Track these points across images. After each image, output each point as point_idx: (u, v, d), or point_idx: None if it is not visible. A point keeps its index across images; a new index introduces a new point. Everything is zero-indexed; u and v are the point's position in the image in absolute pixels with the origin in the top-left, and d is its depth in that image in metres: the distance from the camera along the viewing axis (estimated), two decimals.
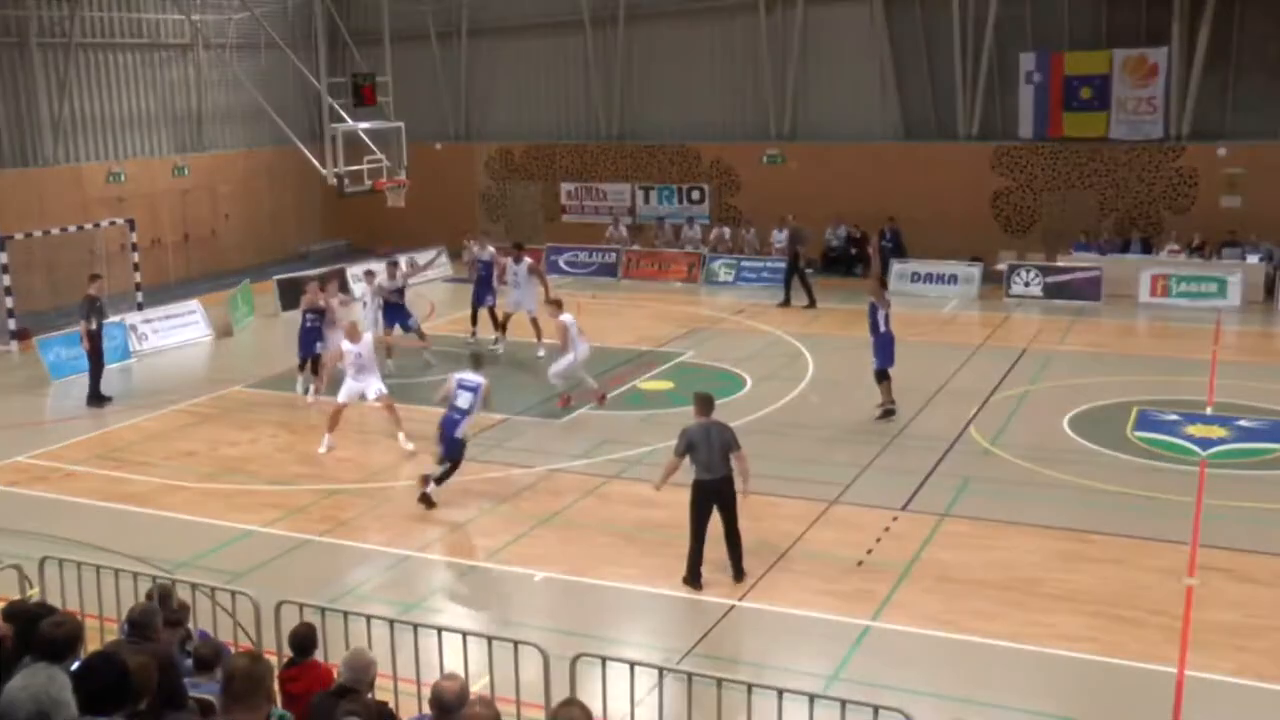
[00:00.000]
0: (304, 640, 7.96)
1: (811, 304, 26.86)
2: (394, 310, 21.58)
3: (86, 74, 29.92)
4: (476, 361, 15.95)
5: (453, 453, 14.88)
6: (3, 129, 28.03)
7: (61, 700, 5.56)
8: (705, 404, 12.48)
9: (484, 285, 23.22)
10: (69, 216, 27.70)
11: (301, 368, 20.30)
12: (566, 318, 18.42)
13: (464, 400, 14.90)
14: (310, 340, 20.09)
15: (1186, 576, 12.31)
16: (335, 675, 7.75)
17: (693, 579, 12.21)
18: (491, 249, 23.58)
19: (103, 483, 16.02)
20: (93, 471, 16.52)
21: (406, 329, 21.63)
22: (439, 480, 14.76)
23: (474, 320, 23.65)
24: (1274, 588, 12.10)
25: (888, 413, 17.97)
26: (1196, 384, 19.82)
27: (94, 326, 19.83)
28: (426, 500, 14.64)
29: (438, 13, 34.87)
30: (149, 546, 13.23)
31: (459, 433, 14.88)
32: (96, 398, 19.95)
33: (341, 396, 17.26)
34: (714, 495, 12.16)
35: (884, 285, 18.65)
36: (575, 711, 5.79)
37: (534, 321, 22.30)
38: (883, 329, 17.96)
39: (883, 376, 18.10)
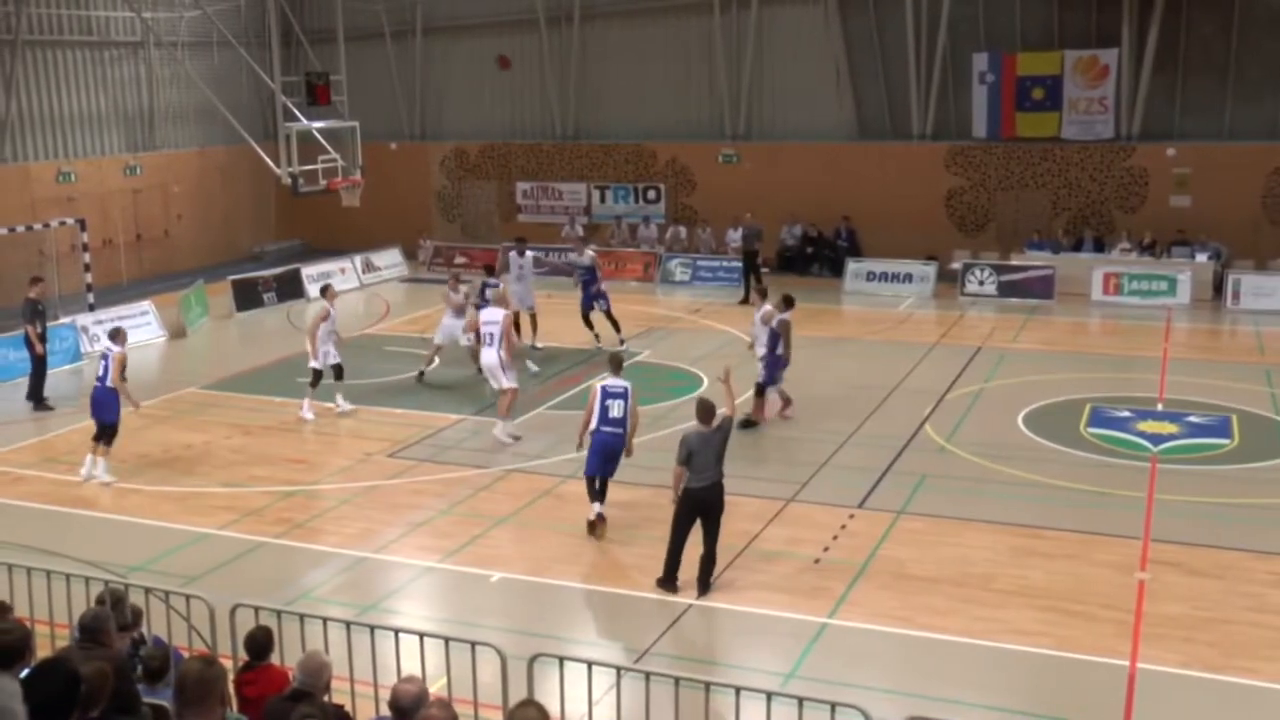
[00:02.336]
0: (261, 643, 7.89)
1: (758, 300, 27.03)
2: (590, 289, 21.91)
3: (35, 72, 29.49)
4: (617, 364, 14.26)
5: (608, 471, 13.74)
6: None
7: (10, 708, 5.49)
8: (706, 413, 12.07)
9: (588, 291, 22.55)
10: (17, 216, 27.26)
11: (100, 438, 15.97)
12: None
13: (617, 409, 13.49)
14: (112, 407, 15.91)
15: (1138, 571, 12.47)
16: (291, 678, 7.70)
17: (668, 582, 12.12)
18: (591, 253, 23.06)
19: (53, 486, 15.80)
20: (42, 475, 16.29)
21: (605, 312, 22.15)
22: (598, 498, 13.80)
23: (588, 325, 22.68)
24: (1222, 580, 12.27)
25: (749, 423, 17.35)
26: (1148, 381, 20.08)
27: (38, 330, 19.54)
28: (594, 527, 13.70)
29: (392, 11, 34.68)
30: (101, 551, 13.08)
31: (624, 454, 13.72)
32: (38, 399, 19.65)
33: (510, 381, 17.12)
34: (700, 503, 11.92)
35: (789, 304, 17.77)
36: (532, 712, 5.78)
37: (533, 318, 22.39)
38: (778, 350, 17.51)
39: (761, 391, 17.69)
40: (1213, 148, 27.96)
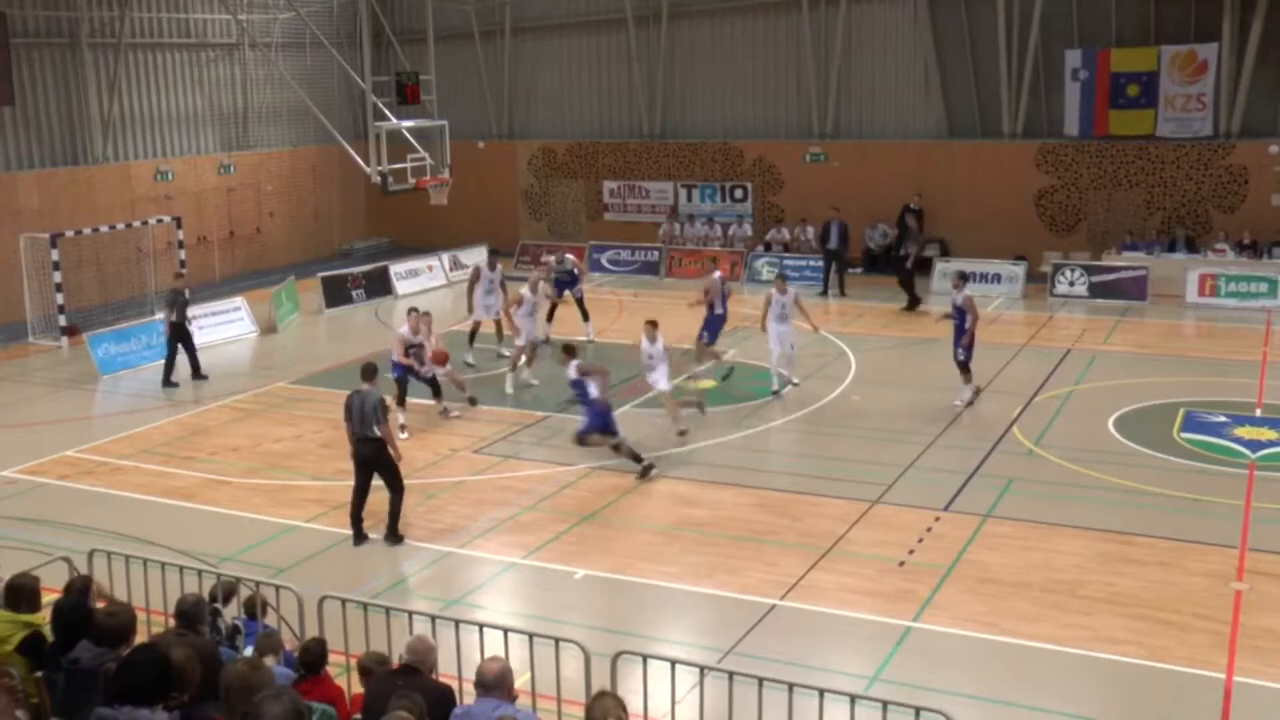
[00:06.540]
0: (316, 657, 7.78)
1: (911, 305, 26.28)
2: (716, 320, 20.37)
3: (135, 74, 30.24)
4: None
5: None
6: (55, 128, 28.37)
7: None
8: None
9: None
10: (118, 214, 28.10)
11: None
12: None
13: None
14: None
15: (1235, 580, 12.16)
16: (345, 691, 7.78)
17: None
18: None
19: (149, 477, 16.21)
20: (139, 466, 16.72)
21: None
22: None
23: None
24: None
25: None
26: (1246, 385, 19.57)
27: (174, 318, 21.09)
28: None
29: (481, 11, 34.99)
30: (194, 540, 13.40)
31: None
32: (169, 382, 21.23)
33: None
34: None
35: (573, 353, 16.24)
36: (609, 702, 5.85)
37: (498, 325, 22.11)
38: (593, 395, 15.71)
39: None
40: None
